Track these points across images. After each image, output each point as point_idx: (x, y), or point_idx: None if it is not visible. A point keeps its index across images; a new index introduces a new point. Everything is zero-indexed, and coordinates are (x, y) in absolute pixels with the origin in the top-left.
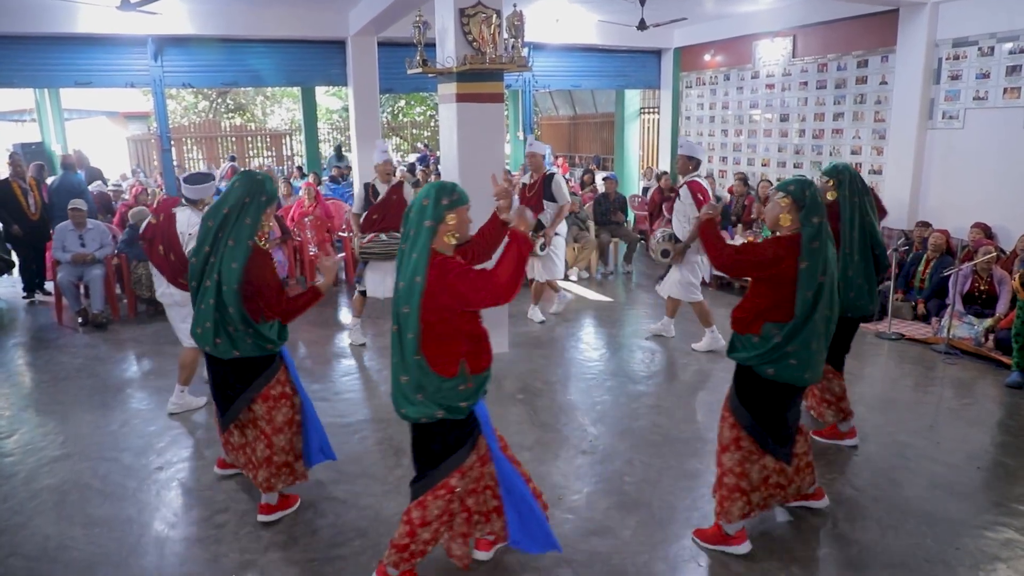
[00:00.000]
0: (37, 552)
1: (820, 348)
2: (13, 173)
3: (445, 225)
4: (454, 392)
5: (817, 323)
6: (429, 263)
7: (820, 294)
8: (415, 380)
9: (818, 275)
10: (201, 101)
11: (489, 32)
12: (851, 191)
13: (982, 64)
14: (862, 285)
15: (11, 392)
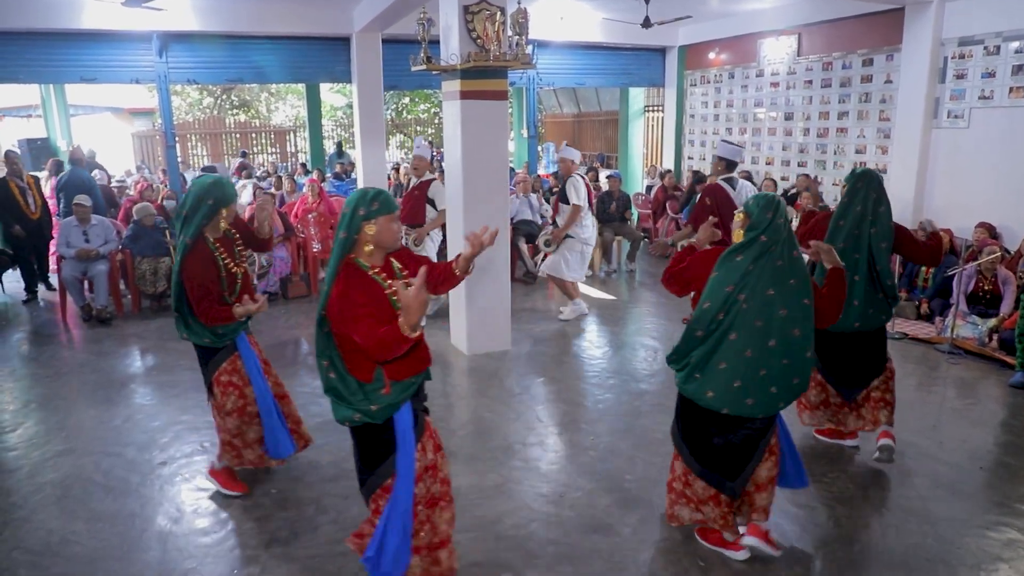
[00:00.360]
0: (40, 546)
1: (737, 373)
2: (10, 172)
3: (363, 235)
4: (373, 396)
5: (735, 344)
6: (338, 275)
7: (730, 311)
8: (337, 384)
9: (726, 288)
10: (206, 97)
11: (493, 29)
12: (857, 200)
13: (988, 63)
14: (855, 305)
15: (15, 387)
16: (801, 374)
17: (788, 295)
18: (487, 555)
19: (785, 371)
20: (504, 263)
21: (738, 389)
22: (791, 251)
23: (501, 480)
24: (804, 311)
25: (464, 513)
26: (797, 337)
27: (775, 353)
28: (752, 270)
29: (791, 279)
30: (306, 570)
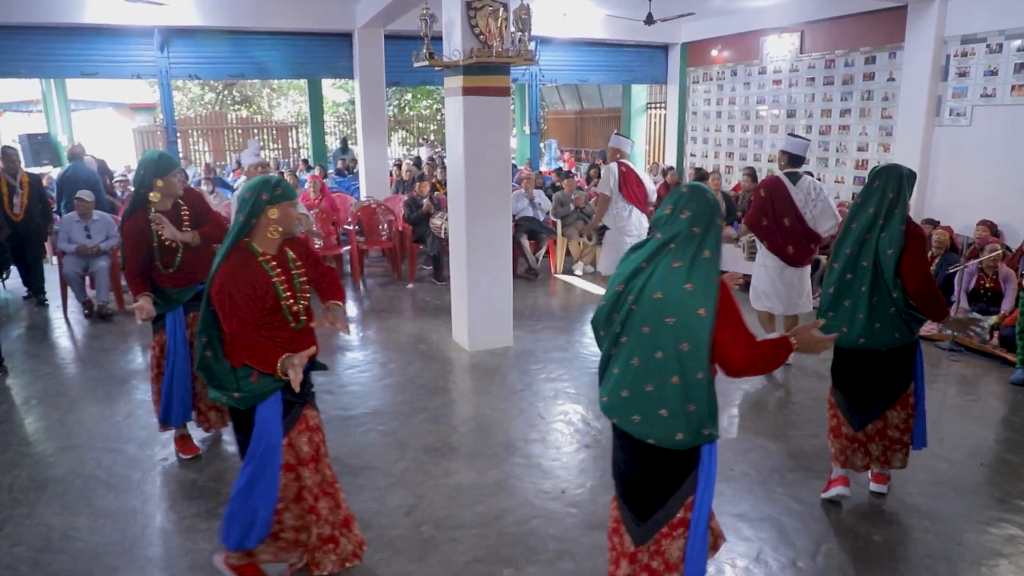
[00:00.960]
0: (41, 543)
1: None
2: (4, 169)
3: (265, 219)
4: (242, 384)
5: (624, 349)
6: (228, 255)
7: (620, 311)
8: (212, 363)
9: (617, 286)
10: (207, 93)
11: (496, 25)
12: (872, 200)
13: (990, 61)
14: (859, 318)
15: (16, 383)
16: (697, 400)
17: (679, 301)
18: (489, 551)
19: (676, 392)
20: (506, 260)
21: (625, 400)
22: (696, 252)
23: (502, 476)
24: (698, 323)
25: (465, 510)
26: (686, 352)
27: (664, 368)
28: (644, 269)
29: (686, 283)
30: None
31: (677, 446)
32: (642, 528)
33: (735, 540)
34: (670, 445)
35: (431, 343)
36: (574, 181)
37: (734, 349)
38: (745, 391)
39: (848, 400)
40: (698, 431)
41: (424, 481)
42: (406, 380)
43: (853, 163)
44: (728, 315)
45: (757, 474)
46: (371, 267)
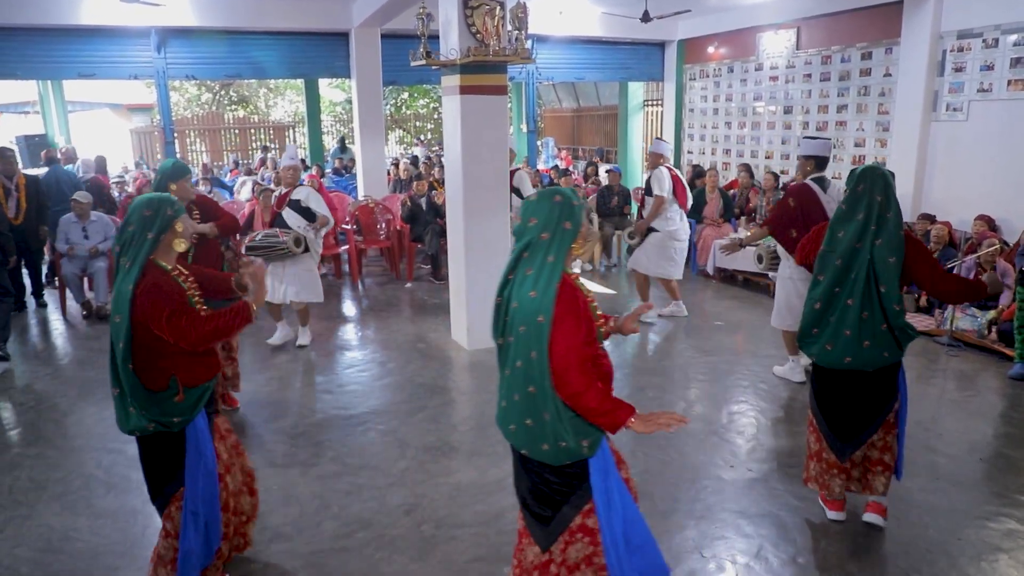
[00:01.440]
0: (42, 543)
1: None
2: (0, 170)
3: (171, 233)
4: (167, 405)
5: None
6: (143, 276)
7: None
8: (127, 391)
9: (496, 298)
10: (204, 93)
11: (493, 24)
12: (859, 206)
13: (986, 56)
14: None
15: (15, 384)
16: (550, 410)
17: (526, 309)
18: (489, 550)
19: (534, 402)
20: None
21: (505, 410)
22: (543, 258)
23: (503, 475)
24: (538, 330)
25: (466, 508)
26: (535, 360)
27: (524, 377)
28: (510, 279)
29: (532, 291)
30: (309, 566)
31: (544, 458)
32: (545, 531)
33: (736, 537)
34: (538, 456)
35: (430, 342)
36: (571, 179)
37: (563, 360)
38: (743, 387)
39: (831, 427)
40: (556, 443)
41: (424, 480)
42: (405, 379)
43: (850, 159)
44: (562, 324)
45: (757, 471)
46: (369, 266)
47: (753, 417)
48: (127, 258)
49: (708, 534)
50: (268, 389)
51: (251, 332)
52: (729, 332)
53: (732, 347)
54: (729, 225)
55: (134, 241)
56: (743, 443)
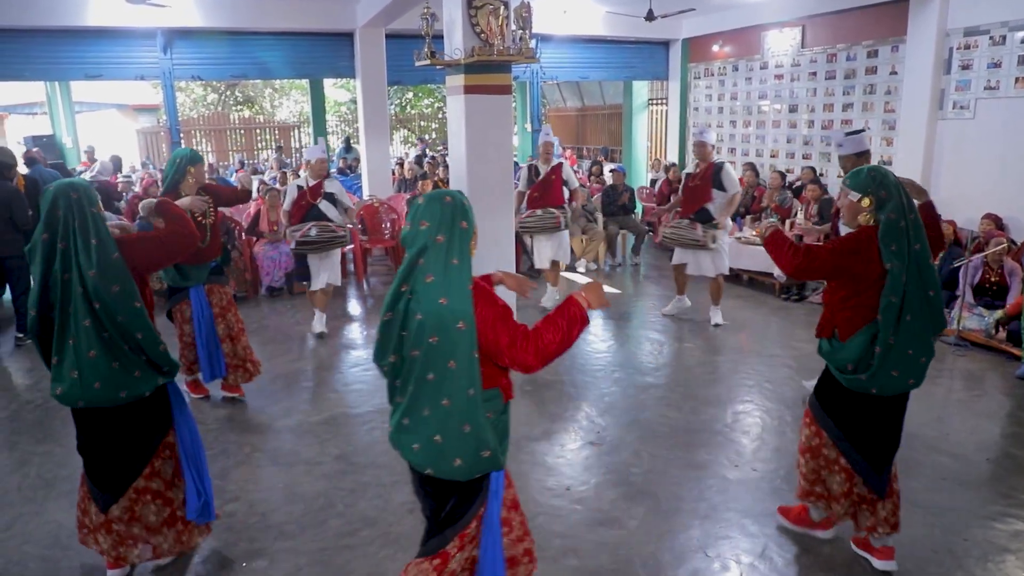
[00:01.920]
0: (50, 540)
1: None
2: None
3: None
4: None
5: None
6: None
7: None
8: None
9: (384, 315)
10: (210, 94)
11: (497, 24)
12: (900, 214)
13: (994, 53)
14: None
15: (21, 382)
16: (471, 420)
17: (437, 318)
18: None
19: (450, 414)
20: (509, 258)
21: (407, 428)
22: (445, 262)
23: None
24: (459, 337)
25: None
26: (454, 370)
27: (436, 390)
28: (404, 291)
29: (441, 298)
30: (314, 563)
31: (455, 475)
32: (432, 540)
33: (740, 536)
34: (447, 474)
35: None
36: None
37: (516, 350)
38: (747, 387)
39: (867, 457)
40: (477, 453)
41: None
42: None
43: None
44: (495, 319)
45: (762, 470)
46: (374, 266)
47: (758, 417)
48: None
49: (712, 533)
50: (273, 388)
51: (254, 331)
52: (734, 331)
53: (737, 346)
54: (735, 224)
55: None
56: (748, 442)
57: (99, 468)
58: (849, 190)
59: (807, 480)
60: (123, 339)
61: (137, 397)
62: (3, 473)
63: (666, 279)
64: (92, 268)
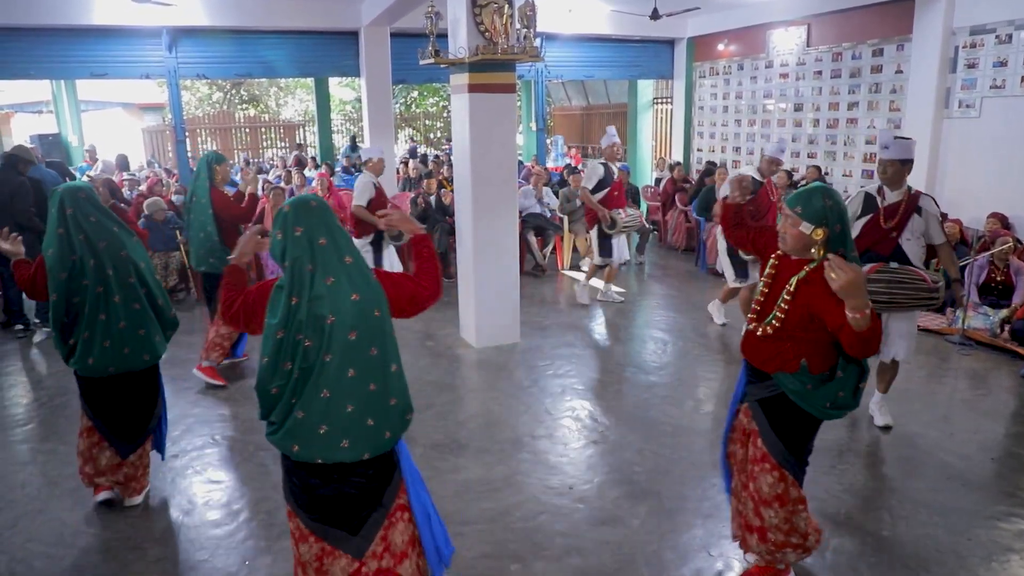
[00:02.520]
0: (54, 537)
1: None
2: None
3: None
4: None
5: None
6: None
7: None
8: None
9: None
10: (215, 92)
11: (501, 22)
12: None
13: (1000, 52)
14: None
15: (26, 380)
16: (396, 391)
17: (353, 315)
18: (496, 547)
19: (378, 397)
20: (513, 256)
21: (327, 435)
22: (339, 262)
23: (509, 472)
24: (378, 323)
25: (473, 505)
26: (377, 356)
27: (360, 382)
28: (296, 303)
29: (352, 295)
30: None
31: (388, 445)
32: (359, 537)
33: None
34: (382, 448)
35: (438, 339)
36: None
37: (421, 291)
38: None
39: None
40: (402, 418)
41: (431, 477)
42: (413, 376)
43: (861, 156)
44: (397, 286)
45: None
46: None
47: None
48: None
49: (715, 533)
50: None
51: None
52: (738, 330)
53: None
54: None
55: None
56: None
57: (120, 425)
58: (800, 219)
59: (780, 532)
60: (151, 307)
61: (156, 359)
62: (8, 471)
63: (669, 278)
64: (123, 249)
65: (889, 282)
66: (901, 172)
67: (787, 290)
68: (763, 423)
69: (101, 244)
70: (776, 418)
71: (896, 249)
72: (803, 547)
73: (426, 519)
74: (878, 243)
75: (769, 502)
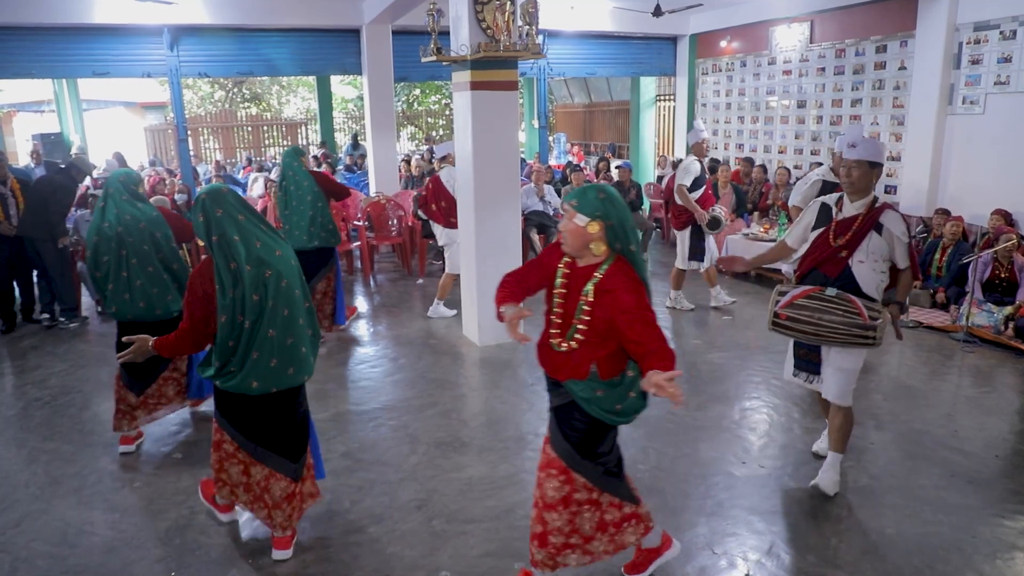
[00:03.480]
0: (57, 537)
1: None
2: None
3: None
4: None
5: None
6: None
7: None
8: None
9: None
10: (217, 91)
11: (503, 19)
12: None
13: (1004, 48)
14: None
15: (31, 380)
16: (312, 328)
17: (278, 264)
18: (499, 545)
19: (285, 339)
20: (515, 254)
21: (275, 367)
22: (258, 227)
23: (513, 470)
24: (296, 272)
25: (476, 503)
26: (298, 296)
27: (289, 320)
28: (233, 268)
29: (276, 251)
30: (320, 560)
31: (314, 368)
32: (298, 461)
33: (747, 533)
34: (312, 370)
35: (441, 338)
36: (583, 175)
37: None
38: (754, 383)
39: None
40: (317, 344)
41: (435, 475)
42: (416, 375)
43: None
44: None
45: (770, 467)
46: (381, 262)
47: (765, 413)
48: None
49: (719, 531)
50: None
51: None
52: (740, 328)
53: (744, 342)
54: (742, 220)
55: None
56: (755, 439)
57: (135, 367)
58: (575, 212)
59: (562, 535)
60: (165, 270)
61: (167, 315)
62: (11, 471)
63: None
64: (142, 221)
65: (816, 311)
66: (869, 176)
67: (585, 300)
68: (554, 430)
69: (127, 217)
70: (566, 423)
71: (844, 272)
72: (583, 549)
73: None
74: (824, 263)
75: (553, 506)
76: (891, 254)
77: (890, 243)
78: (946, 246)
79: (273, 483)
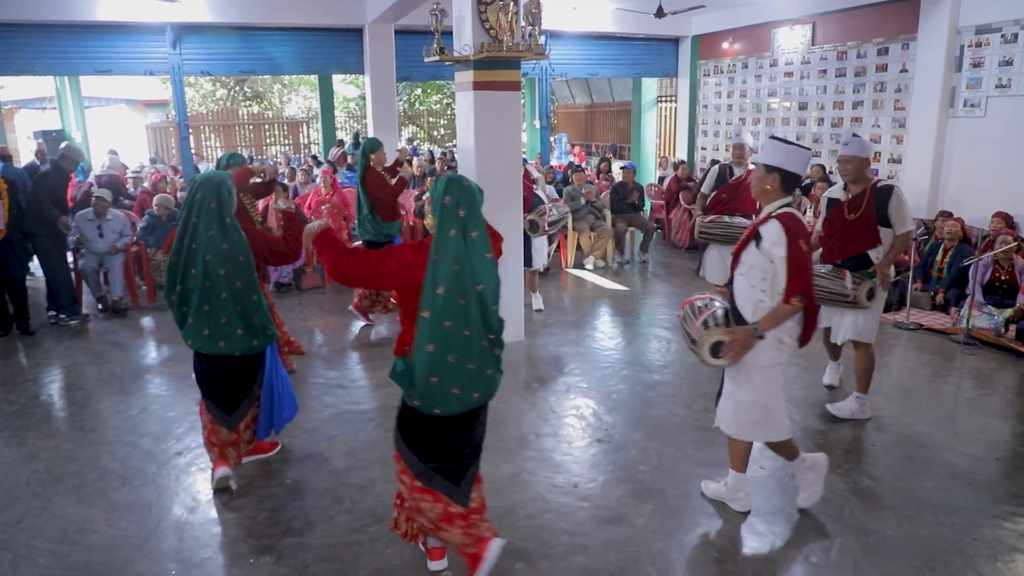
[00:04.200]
0: (58, 535)
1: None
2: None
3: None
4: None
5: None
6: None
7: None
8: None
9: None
10: (219, 89)
11: (506, 20)
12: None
13: (1005, 51)
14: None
15: (31, 378)
16: (258, 313)
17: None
18: None
19: (241, 315)
20: (517, 254)
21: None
22: (222, 219)
23: (515, 471)
24: (240, 266)
25: None
26: (240, 288)
27: (230, 302)
28: (185, 244)
29: (223, 243)
30: (321, 559)
31: (255, 349)
32: (236, 410)
33: (748, 534)
34: (250, 350)
35: None
36: (584, 175)
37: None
38: None
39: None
40: (264, 332)
41: None
42: None
43: None
44: (261, 239)
45: (770, 468)
46: None
47: None
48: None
49: (721, 531)
50: None
51: None
52: None
53: None
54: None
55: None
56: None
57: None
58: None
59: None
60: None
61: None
62: (11, 468)
63: (673, 276)
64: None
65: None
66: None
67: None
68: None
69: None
70: (400, 410)
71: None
72: (428, 527)
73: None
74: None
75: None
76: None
77: (771, 259)
78: (947, 248)
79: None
